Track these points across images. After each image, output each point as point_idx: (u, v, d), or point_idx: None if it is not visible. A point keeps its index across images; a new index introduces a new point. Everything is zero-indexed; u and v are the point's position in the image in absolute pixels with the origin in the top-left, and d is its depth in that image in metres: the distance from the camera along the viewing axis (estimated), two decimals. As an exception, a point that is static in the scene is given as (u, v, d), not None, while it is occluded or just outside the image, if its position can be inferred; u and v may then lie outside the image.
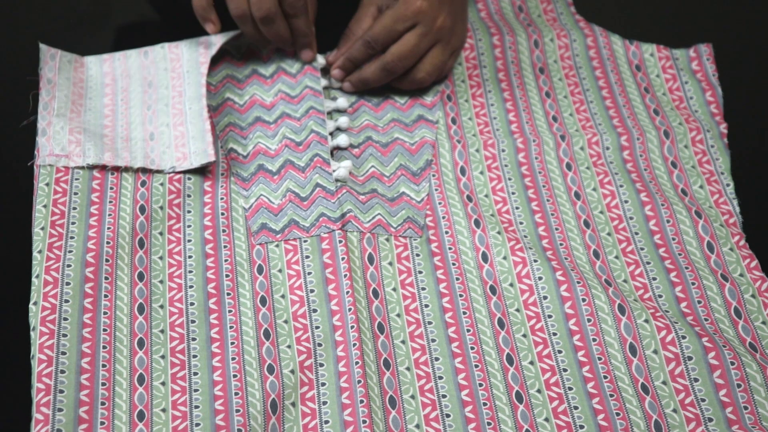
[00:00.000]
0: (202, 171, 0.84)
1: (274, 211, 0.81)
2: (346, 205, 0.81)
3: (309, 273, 0.77)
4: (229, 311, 0.75)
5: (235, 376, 0.71)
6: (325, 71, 0.93)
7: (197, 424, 0.69)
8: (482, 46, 0.95)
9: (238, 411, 0.69)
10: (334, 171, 0.83)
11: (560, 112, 0.90)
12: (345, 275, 0.76)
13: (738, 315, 0.75)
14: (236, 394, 0.70)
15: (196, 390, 0.71)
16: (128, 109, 0.88)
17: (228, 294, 0.76)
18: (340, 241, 0.78)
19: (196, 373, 0.72)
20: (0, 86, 0.93)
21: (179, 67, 0.91)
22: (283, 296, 0.76)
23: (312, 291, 0.76)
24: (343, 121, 0.88)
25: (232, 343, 0.73)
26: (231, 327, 0.74)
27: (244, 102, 0.90)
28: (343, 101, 0.90)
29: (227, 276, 0.77)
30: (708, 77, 0.92)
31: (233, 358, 0.72)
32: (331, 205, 0.81)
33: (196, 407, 0.70)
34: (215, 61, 0.93)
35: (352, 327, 0.73)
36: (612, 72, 0.93)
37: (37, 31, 0.96)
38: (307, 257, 0.78)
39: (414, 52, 0.87)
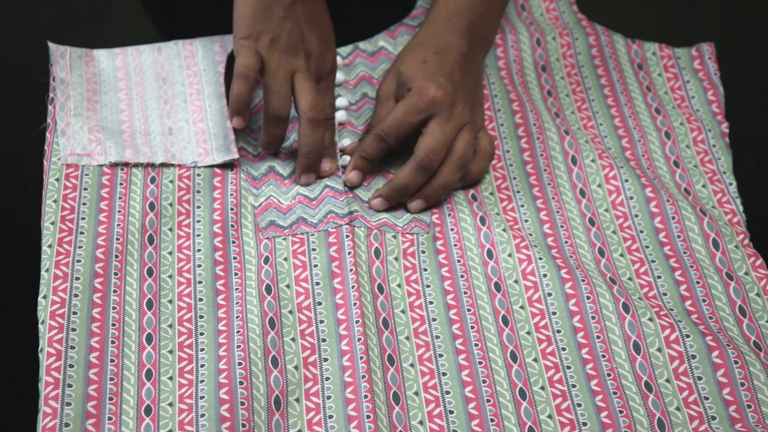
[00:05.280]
0: (212, 167, 0.83)
1: (283, 210, 0.80)
2: (354, 204, 0.80)
3: (315, 266, 0.76)
4: (237, 303, 0.74)
5: (240, 364, 0.70)
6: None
7: (202, 415, 0.68)
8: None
9: (242, 404, 0.68)
10: (341, 168, 0.82)
11: (562, 110, 0.89)
12: (351, 269, 0.75)
13: (743, 313, 0.74)
14: (241, 383, 0.69)
15: (202, 381, 0.70)
16: (144, 102, 0.87)
17: (236, 289, 0.75)
18: (347, 236, 0.77)
19: (203, 365, 0.71)
20: (1, 86, 0.92)
21: (194, 64, 0.90)
22: (288, 286, 0.75)
23: (318, 284, 0.75)
24: (341, 114, 0.86)
25: (238, 332, 0.72)
26: (237, 317, 0.73)
27: (255, 105, 0.89)
28: (342, 100, 0.88)
29: (236, 274, 0.76)
30: (710, 76, 0.91)
31: (238, 346, 0.71)
32: (339, 203, 0.80)
33: (202, 398, 0.69)
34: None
35: (357, 321, 0.72)
36: (614, 70, 0.92)
37: (36, 31, 0.95)
38: (314, 250, 0.77)
39: (443, 142, 0.79)
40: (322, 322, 0.73)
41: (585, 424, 0.69)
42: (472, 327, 0.74)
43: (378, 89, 0.86)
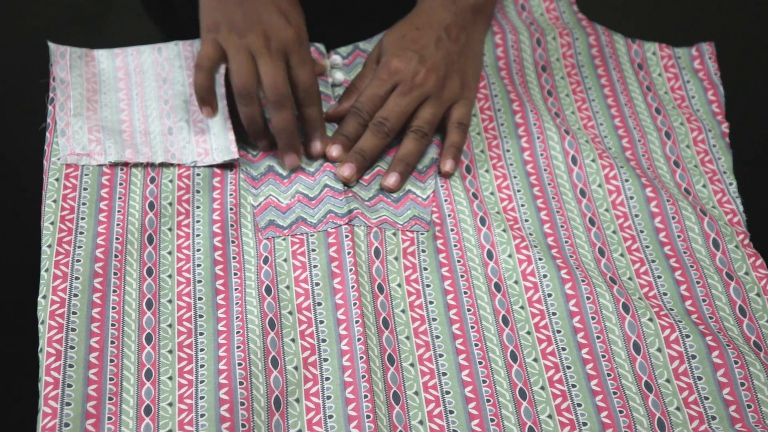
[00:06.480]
0: (212, 167, 0.83)
1: (282, 209, 0.80)
2: (353, 203, 0.79)
3: (315, 266, 0.76)
4: (236, 303, 0.74)
5: (240, 364, 0.70)
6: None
7: (202, 415, 0.68)
8: (484, 45, 0.93)
9: (242, 404, 0.68)
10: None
11: (562, 110, 0.89)
12: (350, 269, 0.75)
13: (743, 313, 0.74)
14: (241, 384, 0.69)
15: (201, 381, 0.70)
16: (143, 102, 0.87)
17: (236, 289, 0.75)
18: (347, 236, 0.77)
19: (202, 366, 0.71)
20: (1, 86, 0.91)
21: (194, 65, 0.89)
22: (287, 287, 0.75)
23: (317, 284, 0.75)
24: (339, 75, 0.88)
25: (238, 332, 0.72)
26: (237, 317, 0.73)
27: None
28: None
29: (236, 274, 0.76)
30: (710, 76, 0.91)
31: (238, 347, 0.71)
32: (339, 203, 0.79)
33: (201, 398, 0.69)
34: None
35: (357, 322, 0.72)
36: (614, 70, 0.92)
37: (36, 31, 0.95)
38: (314, 250, 0.77)
39: (396, 112, 0.83)
40: (321, 322, 0.73)
41: (585, 424, 0.69)
42: (472, 327, 0.74)
43: (369, 53, 0.90)
